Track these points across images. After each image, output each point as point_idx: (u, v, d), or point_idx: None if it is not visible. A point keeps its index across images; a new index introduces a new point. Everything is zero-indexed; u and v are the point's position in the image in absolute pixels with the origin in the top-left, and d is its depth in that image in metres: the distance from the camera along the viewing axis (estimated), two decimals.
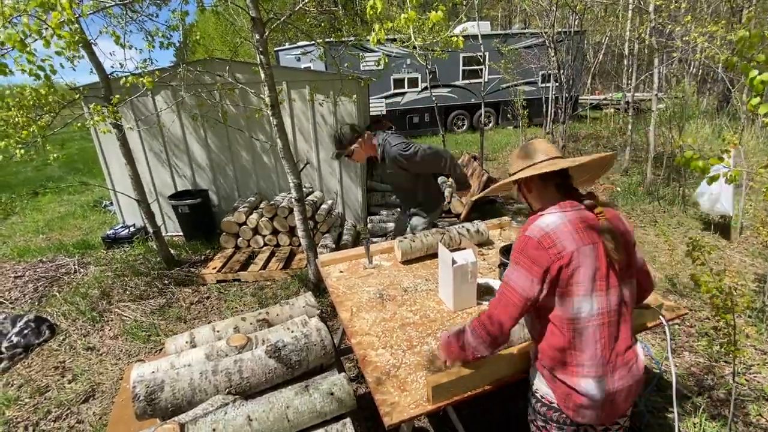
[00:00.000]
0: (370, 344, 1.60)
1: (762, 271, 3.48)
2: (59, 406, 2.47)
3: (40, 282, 3.87)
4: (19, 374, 2.78)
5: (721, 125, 8.12)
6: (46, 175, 9.28)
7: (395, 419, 1.25)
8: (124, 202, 4.86)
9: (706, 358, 2.56)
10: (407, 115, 11.15)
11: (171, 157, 4.79)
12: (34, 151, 3.07)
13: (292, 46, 10.84)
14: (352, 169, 4.89)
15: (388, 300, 1.91)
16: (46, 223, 5.98)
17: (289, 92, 4.53)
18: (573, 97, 8.49)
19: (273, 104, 2.95)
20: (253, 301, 3.50)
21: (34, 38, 2.17)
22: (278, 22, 3.07)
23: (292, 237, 4.31)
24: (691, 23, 4.57)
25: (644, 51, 7.03)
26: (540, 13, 7.87)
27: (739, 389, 2.26)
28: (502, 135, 10.94)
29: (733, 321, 1.80)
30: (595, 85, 16.57)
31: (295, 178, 3.18)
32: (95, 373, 2.74)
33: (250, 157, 4.84)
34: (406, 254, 2.27)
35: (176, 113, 4.58)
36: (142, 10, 3.86)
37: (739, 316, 2.80)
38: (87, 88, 3.88)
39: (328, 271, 2.26)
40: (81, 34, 2.42)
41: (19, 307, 3.53)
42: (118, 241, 4.60)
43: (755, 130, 7.31)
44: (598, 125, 11.25)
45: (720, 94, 10.75)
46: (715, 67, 6.61)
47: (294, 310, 1.93)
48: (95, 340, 3.09)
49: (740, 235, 4.18)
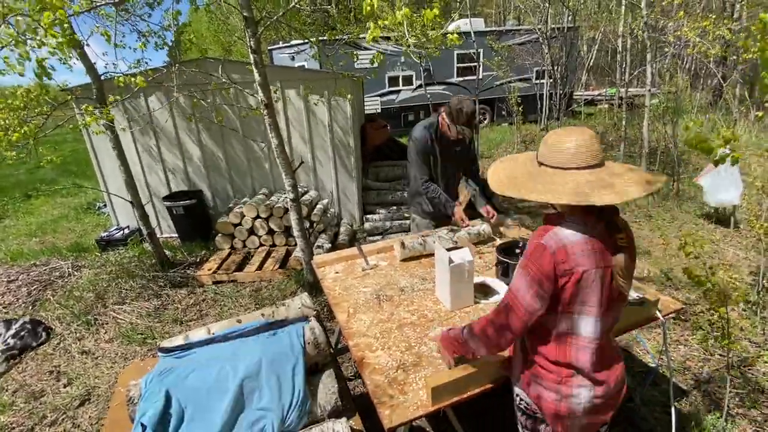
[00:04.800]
0: (367, 346, 1.60)
1: (756, 264, 3.51)
2: (54, 411, 2.44)
3: (34, 286, 3.84)
4: (13, 379, 2.75)
5: (715, 120, 8.18)
6: (38, 177, 9.18)
7: (395, 421, 1.24)
8: (117, 204, 4.82)
9: (701, 351, 2.58)
10: (402, 113, 11.12)
11: (165, 157, 4.75)
12: (26, 153, 3.03)
13: (286, 44, 10.77)
14: (347, 167, 4.87)
15: (385, 300, 1.90)
16: (39, 227, 5.92)
17: (283, 91, 4.50)
18: (567, 93, 8.51)
19: (267, 104, 2.93)
20: (249, 302, 3.49)
21: (29, 37, 2.14)
22: (271, 20, 3.04)
23: (288, 237, 4.29)
24: (683, 18, 4.58)
25: (637, 47, 7.06)
26: (533, 10, 7.87)
27: (734, 382, 2.28)
28: (497, 132, 10.95)
29: (727, 314, 1.82)
30: (590, 80, 16.62)
31: (289, 178, 3.16)
32: (90, 377, 2.71)
33: (244, 157, 4.81)
34: (406, 253, 2.27)
35: (169, 113, 4.54)
36: (134, 10, 3.82)
37: (733, 310, 2.82)
38: (79, 89, 3.83)
39: (324, 272, 2.26)
40: (72, 34, 2.38)
41: (12, 311, 3.49)
42: (113, 244, 4.56)
43: (748, 124, 7.37)
44: (592, 121, 11.28)
45: (713, 89, 10.82)
46: (708, 62, 6.65)
47: (290, 311, 1.91)
48: (90, 343, 3.07)
49: (734, 229, 4.22)
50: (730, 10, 9.45)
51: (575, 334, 1.13)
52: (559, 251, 1.05)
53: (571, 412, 1.17)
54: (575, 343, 1.13)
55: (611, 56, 13.61)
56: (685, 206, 4.93)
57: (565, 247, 1.06)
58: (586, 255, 1.06)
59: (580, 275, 1.05)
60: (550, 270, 1.06)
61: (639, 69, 7.45)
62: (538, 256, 1.08)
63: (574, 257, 1.05)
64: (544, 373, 1.19)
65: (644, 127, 5.81)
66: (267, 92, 2.90)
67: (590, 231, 1.07)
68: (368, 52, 9.49)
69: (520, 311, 1.11)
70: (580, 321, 1.11)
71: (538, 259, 1.08)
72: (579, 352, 1.14)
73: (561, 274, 1.06)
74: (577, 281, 1.06)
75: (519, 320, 1.12)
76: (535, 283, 1.08)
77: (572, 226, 1.08)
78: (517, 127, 8.76)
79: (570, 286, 1.07)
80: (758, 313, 2.79)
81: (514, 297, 1.13)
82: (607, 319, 1.14)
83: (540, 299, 1.08)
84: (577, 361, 1.14)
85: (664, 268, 3.48)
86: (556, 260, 1.05)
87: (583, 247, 1.06)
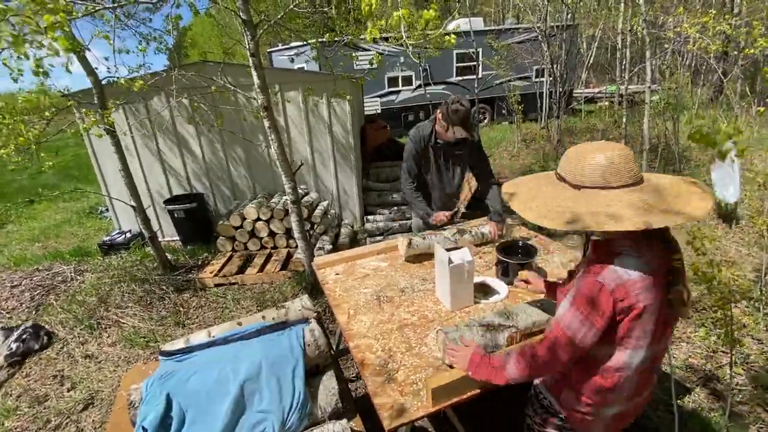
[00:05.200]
0: (368, 347, 1.60)
1: (758, 260, 3.50)
2: (58, 415, 2.46)
3: (37, 291, 3.85)
4: (17, 384, 2.76)
5: (716, 116, 8.14)
6: (41, 183, 9.23)
7: (395, 422, 1.24)
8: (119, 208, 4.84)
9: (704, 348, 2.57)
10: (402, 113, 11.13)
11: (166, 161, 4.77)
12: (28, 158, 3.05)
13: (285, 47, 10.79)
14: (347, 169, 4.88)
15: (386, 301, 1.90)
16: (41, 231, 5.95)
17: (282, 94, 4.51)
18: (567, 91, 8.50)
19: (266, 106, 2.93)
20: (251, 305, 3.50)
21: (28, 34, 2.15)
22: (269, 24, 3.05)
23: (289, 239, 4.30)
24: (683, 14, 4.57)
25: (637, 43, 7.05)
26: (532, 8, 7.86)
27: (736, 379, 2.27)
28: (497, 131, 10.94)
29: (731, 312, 1.81)
30: (590, 78, 16.58)
31: (290, 180, 3.16)
32: (94, 381, 2.73)
33: (245, 159, 4.82)
34: (411, 251, 2.27)
35: (170, 117, 4.56)
36: (133, 15, 3.84)
37: (737, 307, 2.81)
38: (80, 94, 3.85)
39: (324, 273, 2.26)
40: (73, 38, 2.40)
41: (16, 316, 3.51)
42: (115, 248, 4.58)
43: (749, 120, 7.33)
44: (592, 119, 11.25)
45: (714, 85, 10.78)
46: (708, 58, 6.62)
47: (291, 312, 1.92)
48: (93, 347, 3.08)
49: (736, 225, 4.20)
50: (730, 5, 9.41)
51: (624, 368, 1.09)
52: (618, 288, 1.00)
53: (599, 420, 1.18)
54: (623, 374, 1.10)
55: (611, 53, 13.57)
56: None
57: (625, 284, 1.00)
58: (646, 289, 1.00)
59: (641, 310, 1.01)
60: (607, 307, 1.01)
61: (639, 66, 7.43)
62: (595, 295, 1.01)
63: (635, 294, 1.00)
64: (584, 399, 1.17)
65: (645, 124, 5.79)
66: (266, 95, 2.91)
67: (650, 261, 1.01)
68: (367, 54, 9.50)
69: (567, 344, 1.07)
70: (633, 354, 1.07)
71: (594, 299, 1.02)
72: (625, 382, 1.12)
73: (620, 311, 1.01)
74: (636, 316, 1.02)
75: (568, 354, 1.09)
76: (588, 320, 1.03)
77: (629, 259, 1.01)
78: (518, 125, 8.75)
79: (627, 321, 1.03)
80: (761, 309, 2.78)
81: (561, 330, 1.08)
82: (657, 348, 1.11)
83: (590, 332, 1.04)
84: (621, 388, 1.13)
85: None
86: (615, 297, 1.00)
87: (644, 281, 1.00)
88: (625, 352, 1.07)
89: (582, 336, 1.05)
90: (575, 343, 1.06)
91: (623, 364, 1.09)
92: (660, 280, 1.02)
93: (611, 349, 1.08)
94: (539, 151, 8.16)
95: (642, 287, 1.00)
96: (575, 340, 1.06)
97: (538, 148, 8.33)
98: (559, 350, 1.09)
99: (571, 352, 1.08)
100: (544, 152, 7.86)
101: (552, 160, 7.42)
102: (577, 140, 8.94)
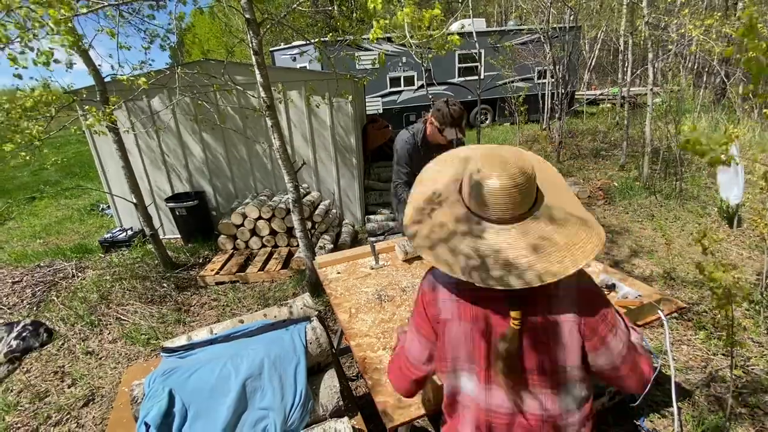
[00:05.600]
0: (369, 346, 1.60)
1: (759, 263, 3.50)
2: (59, 411, 2.46)
3: (38, 287, 3.86)
4: (18, 380, 2.77)
5: (718, 119, 8.14)
6: (42, 179, 9.25)
7: (396, 421, 1.25)
8: (121, 205, 4.84)
9: (704, 350, 2.57)
10: (404, 113, 11.14)
11: (167, 158, 4.78)
12: (31, 155, 3.06)
13: (288, 46, 10.81)
14: (349, 168, 4.88)
15: (387, 300, 1.91)
16: (43, 228, 5.96)
17: (284, 93, 4.52)
18: (569, 93, 8.50)
19: (269, 105, 2.94)
20: (252, 303, 3.50)
21: (30, 27, 2.16)
22: (273, 22, 3.06)
23: (291, 237, 4.31)
24: (686, 16, 4.57)
25: (640, 45, 7.05)
26: (535, 10, 7.87)
27: (737, 381, 2.27)
28: (500, 132, 10.94)
29: (731, 314, 1.81)
30: (592, 80, 16.58)
31: (291, 179, 3.17)
32: (95, 377, 2.73)
33: (247, 158, 4.83)
34: (408, 253, 2.28)
35: (172, 115, 4.57)
36: (136, 12, 3.83)
37: (737, 309, 2.81)
38: (84, 90, 3.86)
39: (326, 272, 2.26)
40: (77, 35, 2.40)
41: (17, 312, 3.52)
42: (116, 245, 4.59)
43: (751, 123, 7.33)
44: (594, 120, 11.25)
45: (716, 88, 10.77)
46: (711, 60, 6.62)
47: (292, 311, 1.92)
48: (94, 344, 3.09)
49: (737, 228, 4.20)
50: (733, 9, 9.41)
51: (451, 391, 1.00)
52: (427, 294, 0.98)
53: None
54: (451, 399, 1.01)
55: (613, 55, 13.57)
56: (688, 206, 4.91)
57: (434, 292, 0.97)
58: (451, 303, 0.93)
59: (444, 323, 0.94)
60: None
61: (641, 68, 7.43)
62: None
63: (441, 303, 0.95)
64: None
65: (647, 126, 5.80)
66: (269, 93, 2.91)
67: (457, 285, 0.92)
68: (370, 54, 9.51)
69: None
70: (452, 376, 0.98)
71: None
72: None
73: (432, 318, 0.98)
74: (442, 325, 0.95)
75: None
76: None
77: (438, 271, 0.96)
78: (519, 127, 8.76)
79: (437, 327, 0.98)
80: (761, 312, 2.78)
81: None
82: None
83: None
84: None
85: (666, 268, 3.47)
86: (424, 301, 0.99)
87: (450, 298, 0.93)
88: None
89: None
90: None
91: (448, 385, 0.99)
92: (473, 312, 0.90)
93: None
94: (540, 152, 8.16)
95: (448, 300, 0.93)
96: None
97: (539, 149, 8.34)
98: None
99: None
100: (545, 154, 7.86)
101: (553, 161, 7.42)
102: (578, 142, 8.94)
